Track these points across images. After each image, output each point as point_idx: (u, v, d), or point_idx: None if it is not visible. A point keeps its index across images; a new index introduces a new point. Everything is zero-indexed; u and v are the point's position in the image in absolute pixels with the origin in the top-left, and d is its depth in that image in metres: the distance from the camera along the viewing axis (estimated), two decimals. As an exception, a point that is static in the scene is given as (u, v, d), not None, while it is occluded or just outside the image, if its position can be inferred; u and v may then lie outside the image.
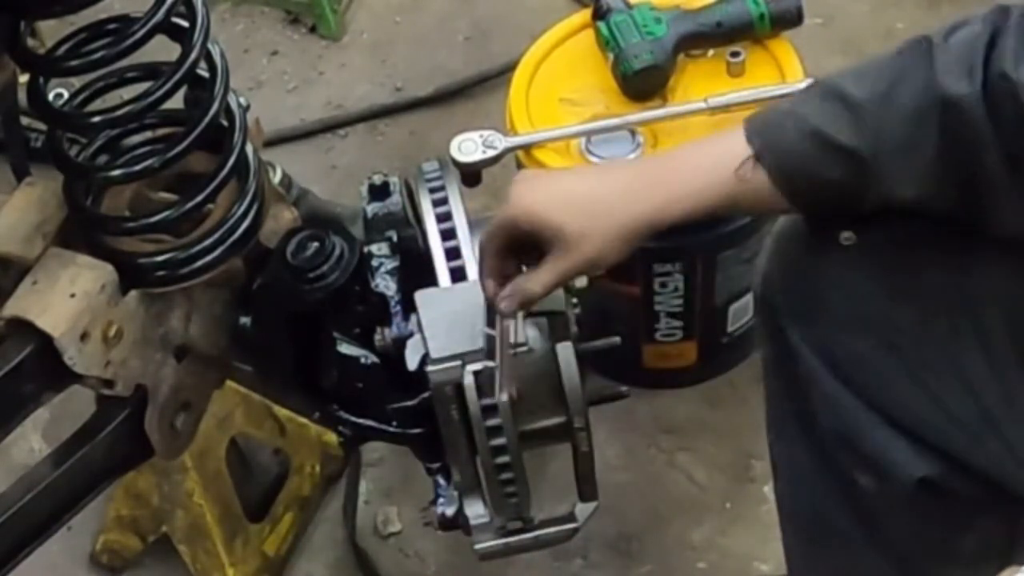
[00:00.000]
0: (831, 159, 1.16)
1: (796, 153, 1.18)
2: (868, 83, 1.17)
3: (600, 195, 1.22)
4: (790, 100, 1.23)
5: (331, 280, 1.36)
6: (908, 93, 1.15)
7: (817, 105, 1.18)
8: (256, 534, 1.89)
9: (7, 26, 1.28)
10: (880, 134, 1.15)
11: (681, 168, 1.23)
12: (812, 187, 1.18)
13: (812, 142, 1.17)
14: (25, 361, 1.26)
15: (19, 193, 1.35)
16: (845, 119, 1.16)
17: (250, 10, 2.64)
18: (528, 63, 1.85)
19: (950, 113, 1.13)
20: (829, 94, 1.18)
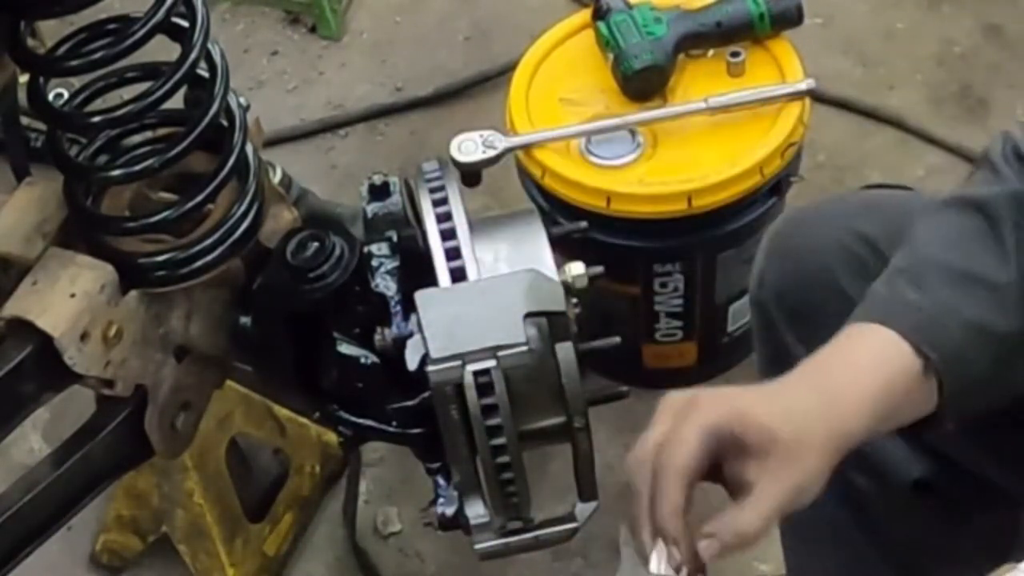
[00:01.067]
0: (997, 353, 1.08)
1: (965, 354, 1.07)
2: (985, 257, 1.10)
3: (799, 404, 1.05)
4: (909, 287, 1.10)
5: (331, 280, 1.36)
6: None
7: (960, 295, 1.09)
8: (256, 534, 1.89)
9: (7, 26, 1.28)
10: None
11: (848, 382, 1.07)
12: (976, 387, 1.09)
13: (977, 338, 1.08)
14: (25, 361, 1.26)
15: (19, 193, 1.35)
16: (998, 306, 1.08)
17: (250, 10, 2.64)
18: (528, 63, 1.85)
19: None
20: (958, 279, 1.09)
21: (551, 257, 1.35)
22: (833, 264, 1.29)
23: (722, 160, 1.72)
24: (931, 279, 1.09)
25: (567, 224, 1.53)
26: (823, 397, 1.05)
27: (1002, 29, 2.40)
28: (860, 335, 1.08)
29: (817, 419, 1.03)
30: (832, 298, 1.26)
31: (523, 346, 1.23)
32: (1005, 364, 1.09)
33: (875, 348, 1.07)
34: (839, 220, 1.32)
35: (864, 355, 1.07)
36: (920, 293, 1.09)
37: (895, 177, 2.21)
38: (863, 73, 2.37)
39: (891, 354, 1.06)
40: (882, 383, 1.06)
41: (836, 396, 1.05)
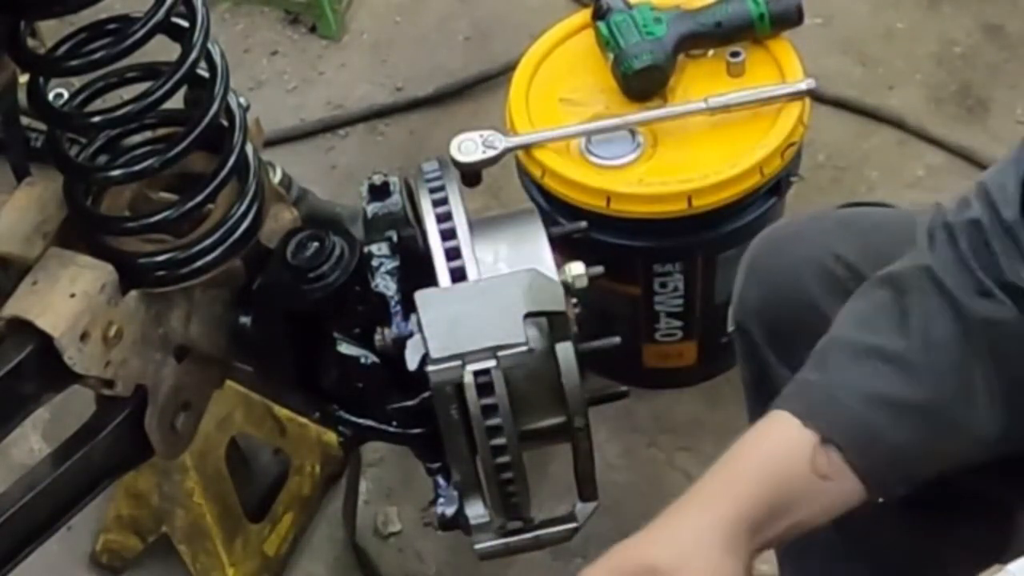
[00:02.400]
0: (904, 422, 1.08)
1: (866, 425, 1.08)
2: (888, 330, 1.10)
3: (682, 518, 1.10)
4: (812, 370, 1.12)
5: (331, 280, 1.36)
6: (941, 328, 1.09)
7: (857, 369, 1.10)
8: (256, 534, 1.89)
9: (7, 26, 1.28)
10: (939, 379, 1.08)
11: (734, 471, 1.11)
12: (891, 458, 1.09)
13: (879, 409, 1.08)
14: (25, 361, 1.26)
15: (19, 193, 1.34)
16: (896, 375, 1.08)
17: (250, 10, 2.64)
18: (528, 63, 1.85)
19: (992, 332, 1.08)
20: (860, 354, 1.10)
21: (551, 257, 1.35)
22: (810, 285, 1.30)
23: (722, 160, 1.72)
24: (832, 358, 1.11)
25: (567, 224, 1.53)
26: (705, 495, 1.09)
27: (1002, 29, 2.40)
28: (760, 425, 1.11)
29: (698, 522, 1.07)
30: (810, 318, 1.27)
31: (523, 346, 1.23)
32: (932, 433, 1.08)
33: (768, 433, 1.10)
34: (816, 240, 1.33)
35: (755, 442, 1.11)
36: (819, 373, 1.11)
37: (895, 177, 2.21)
38: (863, 73, 2.37)
39: (783, 435, 1.09)
40: (771, 465, 1.08)
41: (718, 489, 1.08)
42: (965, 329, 1.08)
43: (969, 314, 1.08)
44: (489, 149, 1.72)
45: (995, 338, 1.08)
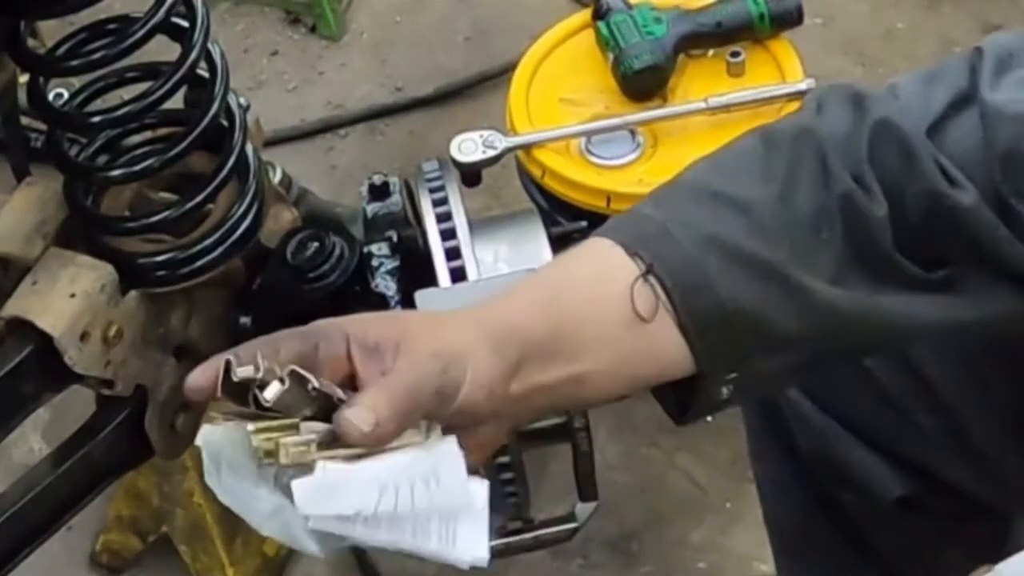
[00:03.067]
0: (738, 272, 0.94)
1: (699, 266, 0.93)
2: (743, 179, 0.98)
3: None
4: (648, 205, 0.98)
5: (331, 280, 1.36)
6: (804, 191, 0.97)
7: (698, 209, 0.96)
8: (256, 534, 1.88)
9: (7, 26, 1.28)
10: (786, 238, 0.96)
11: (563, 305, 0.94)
12: (720, 313, 0.94)
13: (715, 253, 0.94)
14: (25, 361, 1.26)
15: (19, 193, 1.34)
16: (740, 223, 0.95)
17: (250, 10, 2.64)
18: (528, 63, 1.85)
19: (853, 216, 0.97)
20: (704, 196, 0.97)
21: (551, 257, 1.35)
22: None
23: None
24: (676, 197, 0.98)
25: (567, 224, 1.53)
26: (487, 303, 0.94)
27: (1002, 29, 2.40)
28: (574, 250, 0.99)
29: (467, 316, 0.93)
30: None
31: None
32: (768, 296, 0.94)
33: (580, 256, 0.96)
34: None
35: (561, 262, 0.98)
36: (656, 208, 0.97)
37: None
38: (863, 73, 2.37)
39: (598, 259, 0.95)
40: (571, 287, 0.94)
41: (500, 298, 0.94)
42: (827, 200, 0.97)
43: (839, 189, 0.96)
44: (489, 149, 1.72)
45: (854, 224, 0.97)
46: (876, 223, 0.97)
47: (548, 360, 0.92)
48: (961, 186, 0.98)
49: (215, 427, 0.89)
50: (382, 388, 0.86)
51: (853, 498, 1.33)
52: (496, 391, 0.90)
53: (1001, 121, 0.99)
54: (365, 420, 0.84)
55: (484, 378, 0.90)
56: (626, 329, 0.93)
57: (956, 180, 0.98)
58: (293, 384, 0.84)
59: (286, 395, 0.84)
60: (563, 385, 0.94)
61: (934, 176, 0.98)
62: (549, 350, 0.92)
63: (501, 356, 0.90)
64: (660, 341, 0.94)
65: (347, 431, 0.84)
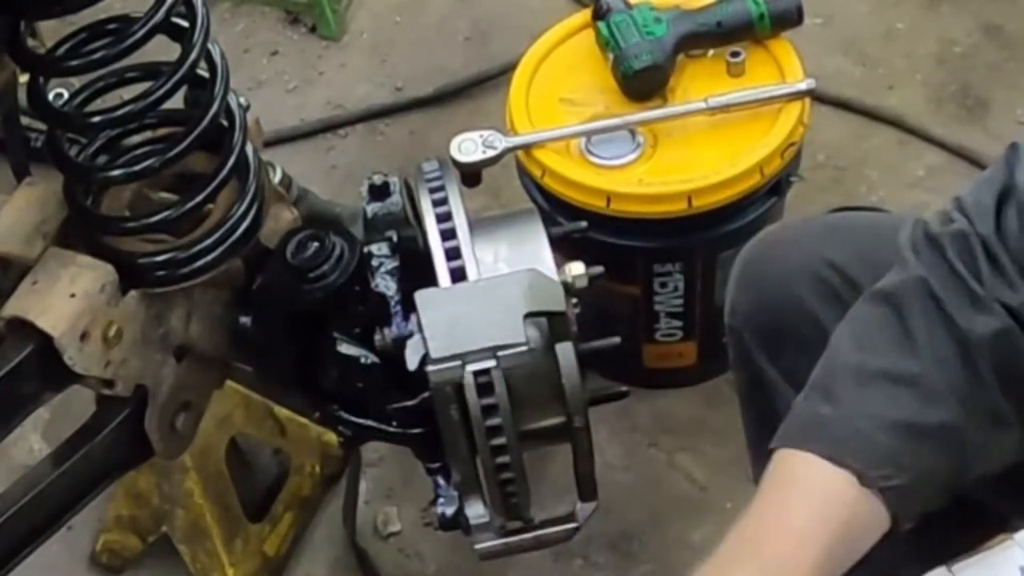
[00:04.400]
0: (926, 447, 1.05)
1: (893, 456, 1.04)
2: (892, 351, 1.07)
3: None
4: (821, 402, 1.08)
5: (331, 280, 1.36)
6: (946, 346, 1.06)
7: (869, 396, 1.06)
8: (256, 534, 1.89)
9: (7, 26, 1.28)
10: (954, 398, 1.05)
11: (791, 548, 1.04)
12: (917, 487, 1.05)
13: (901, 437, 1.04)
14: (25, 361, 1.26)
15: (19, 193, 1.34)
16: (911, 399, 1.05)
17: (250, 10, 2.64)
18: (528, 63, 1.85)
19: (993, 346, 1.06)
20: (867, 379, 1.06)
21: (551, 257, 1.35)
22: (802, 290, 1.30)
23: (722, 160, 1.72)
24: (842, 387, 1.07)
25: (567, 224, 1.53)
26: (769, 565, 1.03)
27: (1002, 29, 2.40)
28: (787, 471, 1.07)
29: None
30: (803, 324, 1.27)
31: (523, 346, 1.23)
32: (952, 456, 1.06)
33: (802, 480, 1.05)
34: (806, 246, 1.33)
35: (795, 493, 1.05)
36: (830, 405, 1.06)
37: (895, 177, 2.21)
38: (863, 73, 2.37)
39: (822, 483, 1.04)
40: (825, 520, 1.03)
41: (785, 559, 1.03)
42: (968, 347, 1.05)
43: (970, 331, 1.05)
44: (489, 149, 1.72)
45: (997, 352, 1.06)
46: (1010, 338, 1.06)
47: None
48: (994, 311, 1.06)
49: None
50: None
51: None
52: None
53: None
54: None
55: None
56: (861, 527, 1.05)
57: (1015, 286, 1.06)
58: None
59: None
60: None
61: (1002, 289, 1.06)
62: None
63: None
64: (874, 523, 1.06)
65: None
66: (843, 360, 1.09)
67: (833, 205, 1.41)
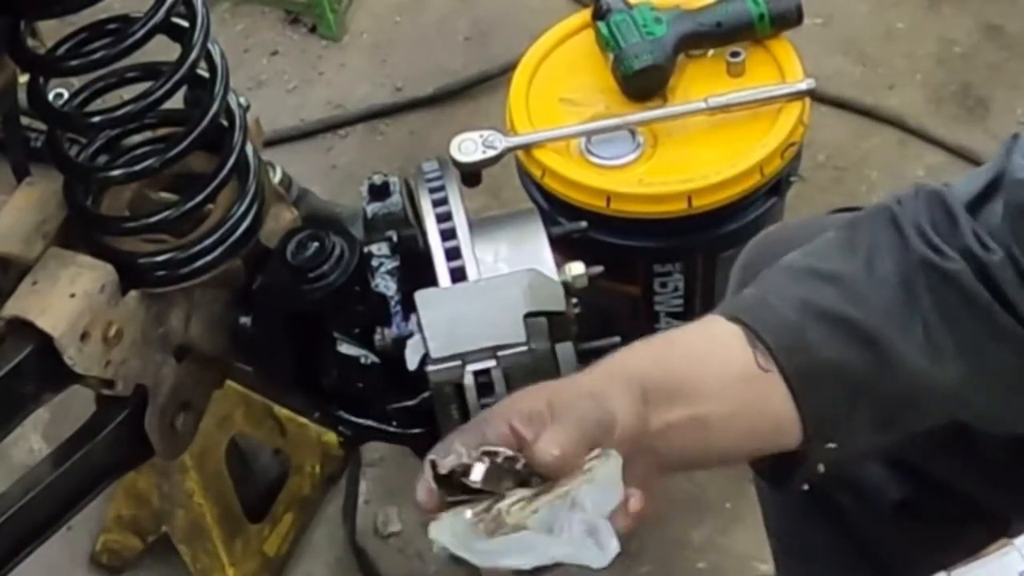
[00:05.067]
0: (838, 337, 1.03)
1: (793, 328, 1.03)
2: (833, 256, 1.07)
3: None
4: (749, 288, 1.09)
5: (331, 280, 1.36)
6: (888, 260, 1.06)
7: (795, 285, 1.06)
8: (256, 534, 1.89)
9: (7, 26, 1.28)
10: (878, 304, 1.04)
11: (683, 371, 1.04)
12: (823, 374, 1.03)
13: (808, 316, 1.03)
14: (25, 361, 1.26)
15: (19, 193, 1.34)
16: (834, 292, 1.04)
17: (250, 10, 2.64)
18: (528, 63, 1.85)
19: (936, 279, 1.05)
20: (799, 273, 1.07)
21: (551, 257, 1.35)
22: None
23: (722, 160, 1.72)
24: (771, 276, 1.09)
25: (567, 224, 1.53)
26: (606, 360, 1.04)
27: (1002, 29, 2.40)
28: (687, 325, 1.09)
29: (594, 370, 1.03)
30: None
31: (523, 346, 1.23)
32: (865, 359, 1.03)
33: (693, 326, 1.07)
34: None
35: (677, 331, 1.08)
36: (755, 287, 1.08)
37: (895, 177, 2.21)
38: (863, 73, 2.37)
39: (710, 327, 1.06)
40: (685, 343, 1.05)
41: (621, 353, 1.05)
42: (910, 267, 1.04)
43: (916, 254, 1.04)
44: (489, 149, 1.72)
45: (940, 288, 1.04)
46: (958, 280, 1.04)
47: (671, 399, 1.02)
48: (991, 250, 1.04)
49: (440, 524, 1.00)
50: (555, 429, 0.96)
51: (852, 501, 1.33)
52: (639, 425, 0.99)
53: (1013, 185, 1.05)
54: (552, 448, 0.94)
55: (628, 409, 0.99)
56: (741, 380, 1.03)
57: (987, 245, 1.04)
58: (489, 462, 0.95)
59: (489, 472, 0.95)
60: (689, 427, 1.02)
61: (970, 238, 1.05)
62: (670, 390, 1.02)
63: (631, 394, 1.00)
64: (772, 396, 1.03)
65: (541, 459, 0.94)
66: (783, 262, 1.10)
67: (833, 205, 1.40)
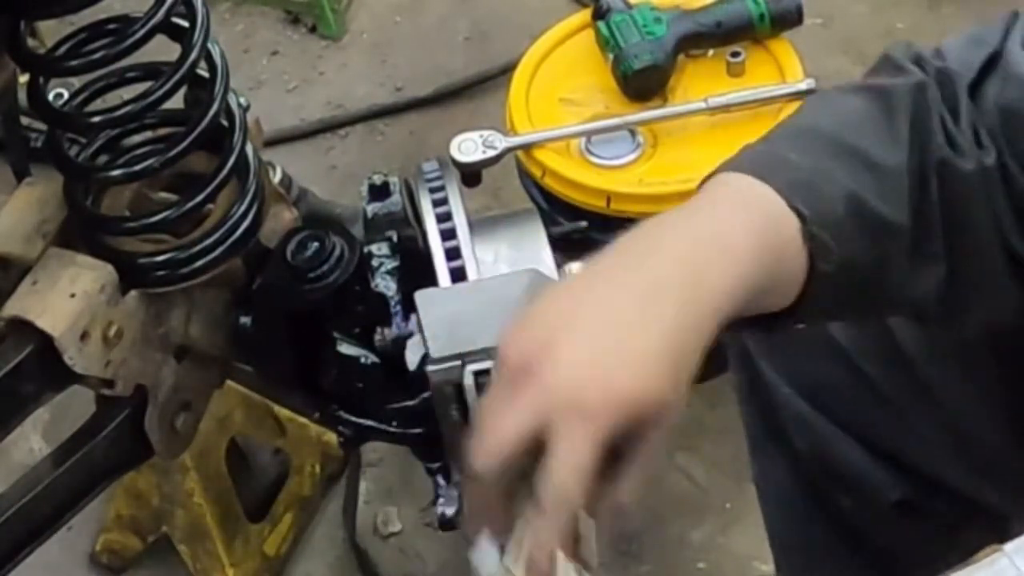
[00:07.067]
0: (868, 237, 0.99)
1: (843, 228, 0.97)
2: (875, 138, 1.02)
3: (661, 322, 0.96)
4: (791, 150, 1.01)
5: (331, 280, 1.36)
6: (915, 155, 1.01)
7: (840, 166, 1.00)
8: (256, 534, 1.89)
9: (7, 26, 1.28)
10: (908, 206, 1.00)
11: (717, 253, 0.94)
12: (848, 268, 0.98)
13: (852, 215, 0.98)
14: (25, 361, 1.26)
15: (19, 193, 1.34)
16: (876, 186, 0.99)
17: (250, 10, 2.65)
18: (528, 63, 1.85)
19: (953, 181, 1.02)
20: (842, 152, 1.01)
21: (551, 257, 1.35)
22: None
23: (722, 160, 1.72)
24: (814, 146, 1.00)
25: (567, 224, 1.53)
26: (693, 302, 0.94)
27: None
28: (733, 189, 0.99)
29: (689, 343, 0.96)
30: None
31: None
32: (883, 258, 1.00)
33: (750, 204, 0.96)
34: None
35: (737, 210, 0.96)
36: (801, 156, 0.99)
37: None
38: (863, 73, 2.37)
39: (767, 211, 0.96)
40: (765, 245, 0.94)
41: (703, 279, 0.93)
42: (928, 167, 1.01)
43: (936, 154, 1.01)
44: (489, 149, 1.72)
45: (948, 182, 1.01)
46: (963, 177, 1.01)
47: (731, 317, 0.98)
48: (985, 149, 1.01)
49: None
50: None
51: (852, 501, 1.33)
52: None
53: (1010, 81, 1.02)
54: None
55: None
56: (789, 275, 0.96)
57: (982, 143, 1.01)
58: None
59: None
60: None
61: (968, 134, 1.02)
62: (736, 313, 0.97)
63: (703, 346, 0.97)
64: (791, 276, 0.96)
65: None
66: (820, 126, 1.03)
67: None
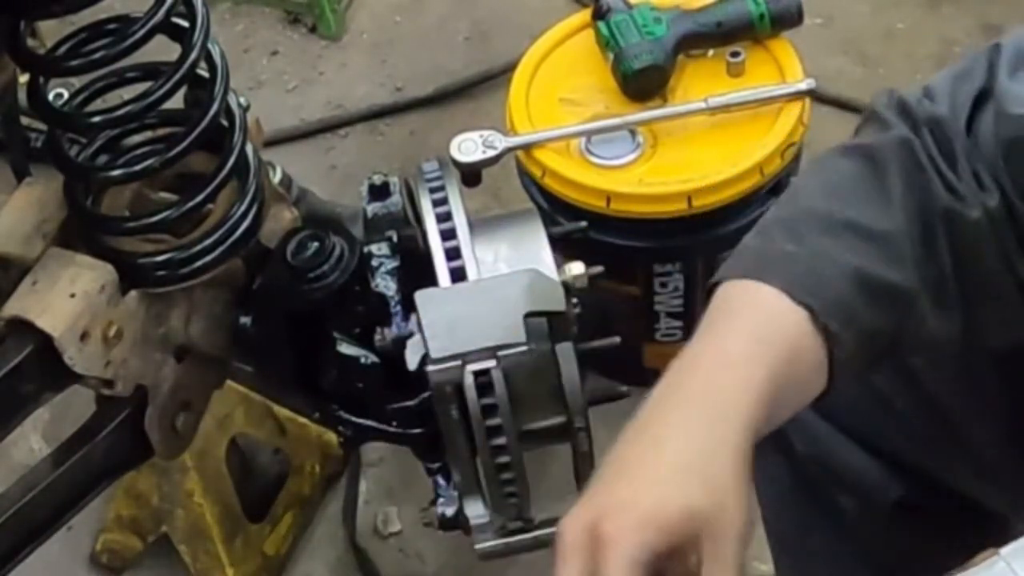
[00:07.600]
0: (879, 305, 0.99)
1: (849, 306, 0.97)
2: (865, 204, 1.02)
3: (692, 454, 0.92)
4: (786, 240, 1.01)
5: (331, 280, 1.36)
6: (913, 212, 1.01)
7: (834, 243, 1.00)
8: (256, 534, 1.89)
9: (7, 26, 1.28)
10: (916, 263, 1.01)
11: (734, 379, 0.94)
12: (861, 343, 0.98)
13: (861, 290, 0.98)
14: (25, 361, 1.26)
15: (19, 193, 1.34)
16: (877, 254, 1.00)
17: (250, 10, 2.64)
18: (528, 63, 1.85)
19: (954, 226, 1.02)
20: (835, 227, 1.00)
21: (551, 257, 1.35)
22: None
23: (722, 160, 1.72)
24: (809, 229, 1.00)
25: (567, 224, 1.53)
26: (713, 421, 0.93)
27: (1002, 29, 2.40)
28: (738, 298, 0.98)
29: (719, 454, 0.91)
30: None
31: (523, 346, 1.23)
32: (899, 320, 1.00)
33: (760, 308, 0.96)
34: None
35: (751, 317, 0.96)
36: (798, 244, 0.99)
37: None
38: (863, 73, 2.37)
39: (773, 315, 0.96)
40: (780, 354, 0.94)
41: (727, 408, 0.93)
42: (933, 217, 1.01)
43: (939, 203, 1.01)
44: (489, 149, 1.72)
45: (963, 234, 1.02)
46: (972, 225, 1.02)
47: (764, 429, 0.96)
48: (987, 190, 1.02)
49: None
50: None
51: (851, 501, 1.33)
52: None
53: (1004, 118, 1.02)
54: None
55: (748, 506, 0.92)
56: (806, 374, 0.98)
57: (984, 185, 1.02)
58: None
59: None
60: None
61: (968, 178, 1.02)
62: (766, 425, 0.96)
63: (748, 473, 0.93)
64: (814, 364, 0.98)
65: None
66: (811, 205, 1.03)
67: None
